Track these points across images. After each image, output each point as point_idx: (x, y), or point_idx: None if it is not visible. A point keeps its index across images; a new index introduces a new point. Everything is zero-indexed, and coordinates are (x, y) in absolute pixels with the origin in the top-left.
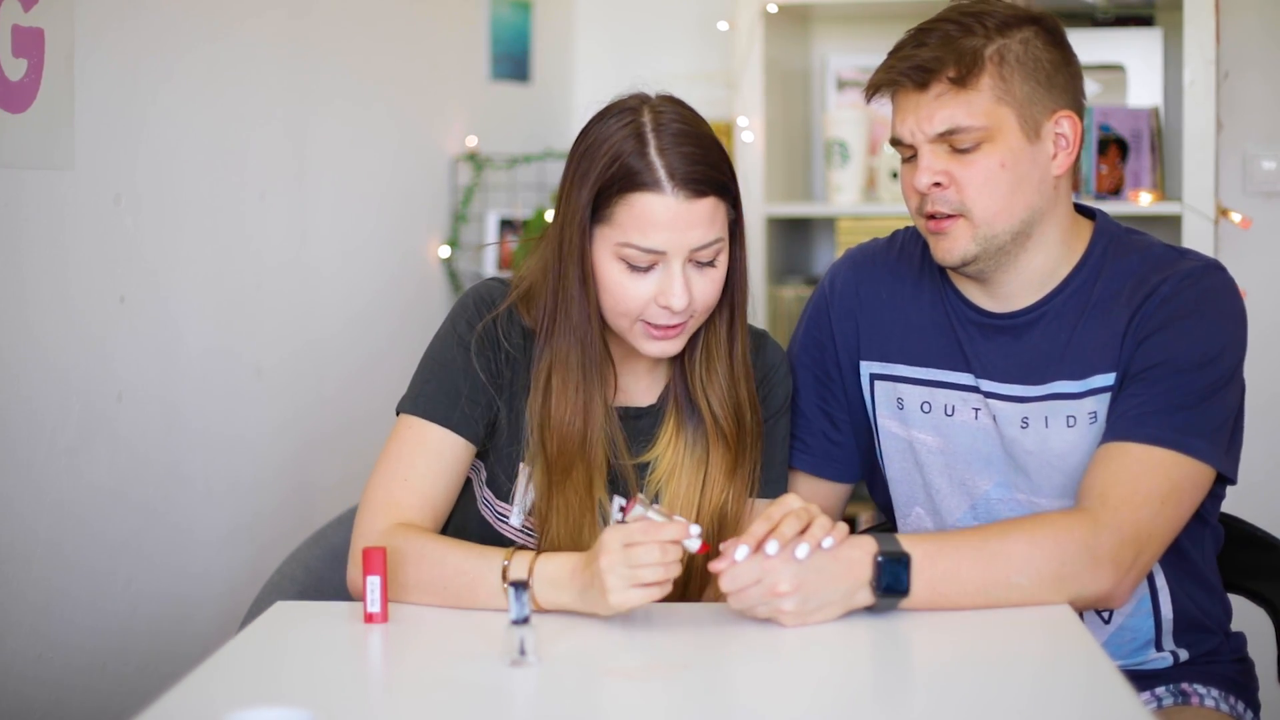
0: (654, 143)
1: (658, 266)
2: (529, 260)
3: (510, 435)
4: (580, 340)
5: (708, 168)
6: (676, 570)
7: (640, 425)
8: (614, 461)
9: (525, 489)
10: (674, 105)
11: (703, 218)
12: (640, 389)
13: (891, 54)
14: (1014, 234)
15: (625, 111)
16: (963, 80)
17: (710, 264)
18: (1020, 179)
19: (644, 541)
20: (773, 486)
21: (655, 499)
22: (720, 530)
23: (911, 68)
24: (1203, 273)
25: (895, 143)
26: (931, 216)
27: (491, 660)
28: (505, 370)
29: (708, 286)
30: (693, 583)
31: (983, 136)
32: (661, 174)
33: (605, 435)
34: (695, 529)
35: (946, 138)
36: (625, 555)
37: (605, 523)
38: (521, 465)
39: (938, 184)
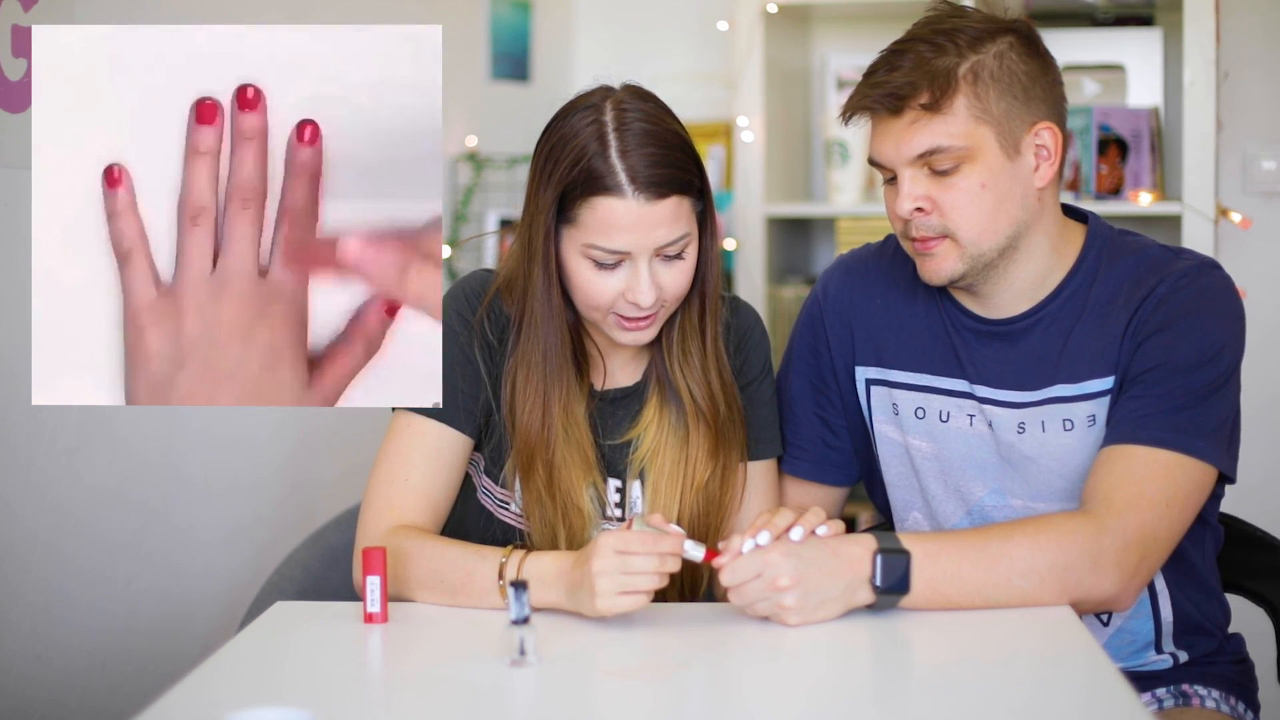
0: (616, 144)
1: (624, 264)
2: (512, 247)
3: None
4: (543, 343)
5: (670, 169)
6: (664, 582)
7: (625, 405)
8: (600, 442)
9: (517, 475)
10: (638, 100)
11: (666, 218)
12: (624, 370)
13: (866, 76)
14: (1000, 250)
15: (589, 109)
16: (935, 105)
17: (678, 256)
18: (1002, 197)
19: (641, 552)
20: (765, 447)
21: (640, 476)
22: (705, 508)
23: (884, 95)
24: (1199, 272)
25: (874, 164)
26: (916, 238)
27: (491, 660)
28: (497, 358)
29: (676, 278)
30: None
31: (962, 157)
32: (623, 178)
33: (566, 435)
34: (693, 543)
35: (925, 159)
36: (621, 562)
37: (583, 519)
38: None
39: (920, 209)
